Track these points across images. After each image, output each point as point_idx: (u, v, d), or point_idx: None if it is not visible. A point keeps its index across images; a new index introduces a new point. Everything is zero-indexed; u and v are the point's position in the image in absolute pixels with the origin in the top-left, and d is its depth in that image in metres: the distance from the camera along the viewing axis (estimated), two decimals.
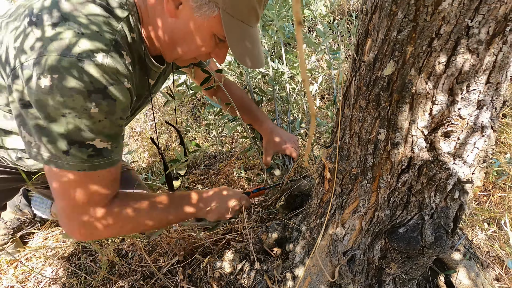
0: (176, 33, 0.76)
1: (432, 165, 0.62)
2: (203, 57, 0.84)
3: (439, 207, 0.67)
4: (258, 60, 0.80)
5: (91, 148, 0.68)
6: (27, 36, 0.64)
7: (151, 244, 1.18)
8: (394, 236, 0.71)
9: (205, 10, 0.70)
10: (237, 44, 0.74)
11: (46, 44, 0.62)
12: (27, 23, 0.65)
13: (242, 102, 1.23)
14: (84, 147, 0.67)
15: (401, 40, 0.54)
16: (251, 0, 0.71)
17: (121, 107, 0.69)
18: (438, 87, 0.55)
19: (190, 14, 0.71)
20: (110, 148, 0.71)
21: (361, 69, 0.63)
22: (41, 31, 0.63)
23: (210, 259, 0.99)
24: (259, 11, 0.75)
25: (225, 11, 0.70)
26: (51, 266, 1.28)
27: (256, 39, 0.79)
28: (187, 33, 0.75)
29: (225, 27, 0.71)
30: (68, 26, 0.63)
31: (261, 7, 0.75)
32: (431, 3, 0.49)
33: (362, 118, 0.65)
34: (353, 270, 0.75)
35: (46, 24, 0.63)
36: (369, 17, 0.59)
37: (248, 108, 1.25)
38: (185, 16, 0.72)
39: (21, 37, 0.65)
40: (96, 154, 0.69)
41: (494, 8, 0.47)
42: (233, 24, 0.72)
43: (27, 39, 0.64)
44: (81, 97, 0.63)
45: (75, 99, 0.62)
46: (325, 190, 0.81)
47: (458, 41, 0.50)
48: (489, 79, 0.53)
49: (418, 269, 0.76)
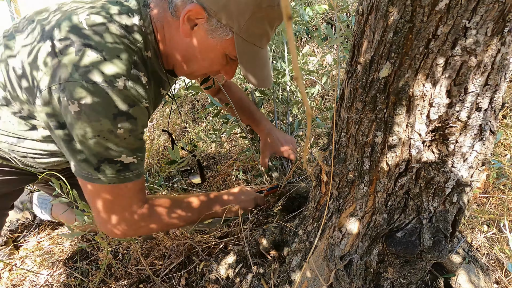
0: (190, 52, 0.79)
1: (430, 168, 0.61)
2: (213, 74, 0.88)
3: (438, 210, 0.66)
4: (267, 80, 0.84)
5: (119, 163, 0.74)
6: (51, 61, 0.68)
7: (148, 246, 1.17)
8: (392, 240, 0.70)
9: (219, 33, 0.73)
10: (248, 65, 0.78)
11: (71, 70, 0.66)
12: (50, 48, 0.68)
13: (241, 103, 1.23)
14: (113, 163, 0.73)
15: (398, 41, 0.53)
16: (264, 25, 0.74)
17: (141, 123, 0.75)
18: (435, 89, 0.54)
19: (204, 35, 0.75)
20: (136, 162, 0.77)
21: (357, 71, 0.62)
22: (66, 57, 0.67)
23: (207, 262, 0.98)
24: (270, 34, 0.78)
25: (238, 35, 0.73)
26: (47, 269, 1.27)
27: (266, 60, 0.83)
28: (200, 53, 0.78)
29: (237, 50, 0.75)
30: (90, 51, 0.67)
31: (272, 30, 0.78)
32: (428, 3, 0.48)
33: (358, 120, 0.64)
34: (350, 275, 0.74)
35: (70, 51, 0.67)
36: (365, 18, 0.58)
37: (247, 109, 1.25)
38: (199, 37, 0.75)
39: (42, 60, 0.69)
40: (124, 169, 0.75)
41: (492, 9, 0.46)
42: (246, 47, 0.75)
43: (50, 64, 0.68)
44: (108, 121, 0.68)
45: (102, 123, 0.68)
46: (322, 193, 0.80)
47: (456, 42, 0.49)
48: (487, 81, 0.52)
49: (417, 274, 0.75)
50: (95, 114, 0.67)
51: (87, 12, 0.72)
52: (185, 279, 0.99)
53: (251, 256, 0.93)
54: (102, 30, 0.70)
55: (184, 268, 1.03)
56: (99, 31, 0.70)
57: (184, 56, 0.81)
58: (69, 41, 0.68)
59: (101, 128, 0.68)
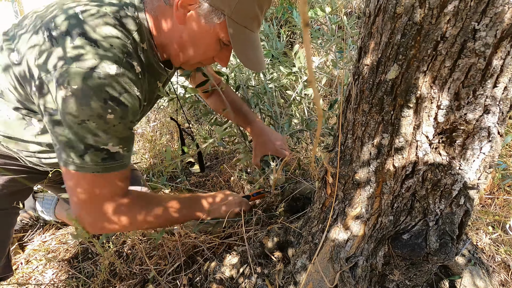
0: (184, 38, 0.81)
1: (437, 171, 0.61)
2: (208, 61, 0.89)
3: (444, 213, 0.66)
4: (260, 63, 0.87)
5: (105, 151, 0.74)
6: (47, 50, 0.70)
7: (152, 247, 1.17)
8: (398, 243, 0.70)
9: (212, 17, 0.76)
10: (241, 48, 0.80)
11: (65, 57, 0.68)
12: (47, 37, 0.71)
13: (234, 105, 1.25)
14: (99, 150, 0.73)
15: (405, 43, 0.52)
16: (254, 8, 0.77)
17: (132, 111, 0.75)
18: (443, 91, 0.54)
19: (198, 21, 0.77)
20: (122, 152, 0.77)
21: (364, 73, 0.62)
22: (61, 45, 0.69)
23: (211, 263, 0.98)
24: (260, 18, 0.82)
25: (230, 18, 0.76)
26: (52, 269, 1.28)
27: (258, 44, 0.85)
28: (194, 39, 0.80)
29: (230, 32, 0.77)
30: (84, 40, 0.69)
31: (262, 14, 0.82)
32: (437, 5, 0.47)
33: (365, 122, 0.64)
34: (355, 277, 0.74)
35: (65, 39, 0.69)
36: (372, 19, 0.57)
37: (239, 109, 1.27)
38: (193, 22, 0.78)
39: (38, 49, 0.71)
40: (109, 157, 0.75)
41: (501, 11, 0.45)
42: (238, 30, 0.78)
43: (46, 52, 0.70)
44: (98, 105, 0.68)
45: (92, 108, 0.68)
46: (327, 195, 0.80)
47: (464, 45, 0.49)
48: (496, 83, 0.52)
49: (423, 276, 0.74)
50: (86, 98, 0.67)
51: (83, 5, 0.74)
52: (189, 279, 1.00)
53: (255, 257, 0.93)
54: (97, 21, 0.72)
55: (189, 269, 1.03)
56: (94, 21, 0.71)
57: (180, 43, 0.82)
58: (64, 30, 0.70)
59: (91, 113, 0.68)
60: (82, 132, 0.70)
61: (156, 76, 0.89)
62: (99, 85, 0.68)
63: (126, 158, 0.79)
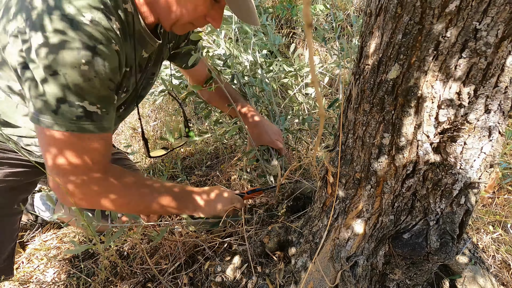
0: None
1: (438, 170, 0.61)
2: (199, 22, 0.85)
3: (445, 212, 0.66)
4: (253, 16, 0.84)
5: (80, 109, 0.69)
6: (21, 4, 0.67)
7: (153, 246, 1.17)
8: (399, 242, 0.70)
9: None
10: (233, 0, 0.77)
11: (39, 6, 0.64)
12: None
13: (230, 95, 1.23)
14: (74, 106, 0.68)
15: (407, 43, 0.52)
16: None
17: (109, 67, 0.70)
18: (444, 91, 0.54)
19: None
20: (101, 113, 0.72)
21: (365, 72, 0.62)
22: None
23: (212, 262, 0.98)
24: None
25: None
26: (53, 268, 1.28)
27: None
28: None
29: None
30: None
31: None
32: (438, 5, 0.47)
33: (366, 122, 0.64)
34: (356, 276, 0.74)
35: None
36: (373, 19, 0.57)
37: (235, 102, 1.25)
38: None
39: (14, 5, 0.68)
40: (85, 116, 0.70)
41: (503, 10, 0.45)
42: None
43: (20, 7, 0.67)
44: (71, 53, 0.64)
45: (65, 56, 0.64)
46: (328, 194, 0.80)
47: (466, 44, 0.49)
48: (497, 83, 0.52)
49: (423, 275, 0.75)
50: (59, 45, 0.63)
51: None
52: (190, 278, 1.00)
53: (256, 256, 0.93)
54: None
55: (189, 268, 1.03)
56: None
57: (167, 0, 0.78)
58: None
59: (64, 62, 0.64)
60: (55, 85, 0.66)
61: (142, 43, 0.85)
62: (73, 32, 0.64)
63: (106, 121, 0.74)
